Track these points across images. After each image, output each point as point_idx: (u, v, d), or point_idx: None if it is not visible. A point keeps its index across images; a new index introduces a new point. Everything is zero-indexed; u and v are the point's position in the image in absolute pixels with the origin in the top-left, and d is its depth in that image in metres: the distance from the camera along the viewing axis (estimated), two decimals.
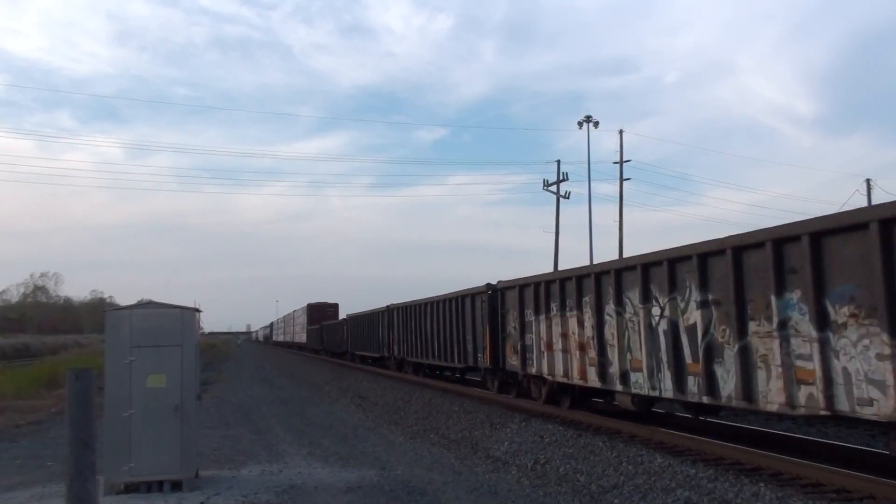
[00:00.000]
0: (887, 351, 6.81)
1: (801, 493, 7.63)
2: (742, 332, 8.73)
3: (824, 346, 7.53)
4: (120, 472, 8.53)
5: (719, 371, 9.13)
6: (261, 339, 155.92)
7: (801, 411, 7.88)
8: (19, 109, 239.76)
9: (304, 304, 66.31)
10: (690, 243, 9.87)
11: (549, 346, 14.31)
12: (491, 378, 18.43)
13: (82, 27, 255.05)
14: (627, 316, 11.47)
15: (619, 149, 42.73)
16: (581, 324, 12.98)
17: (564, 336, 13.64)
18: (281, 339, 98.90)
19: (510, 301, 16.54)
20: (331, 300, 65.27)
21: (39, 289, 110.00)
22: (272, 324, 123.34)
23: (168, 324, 8.88)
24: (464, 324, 19.67)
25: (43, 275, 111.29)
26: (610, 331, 11.97)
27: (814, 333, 7.63)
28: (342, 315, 52.44)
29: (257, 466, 10.57)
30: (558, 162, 43.74)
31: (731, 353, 8.86)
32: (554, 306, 14.10)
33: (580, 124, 43.17)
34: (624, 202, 42.31)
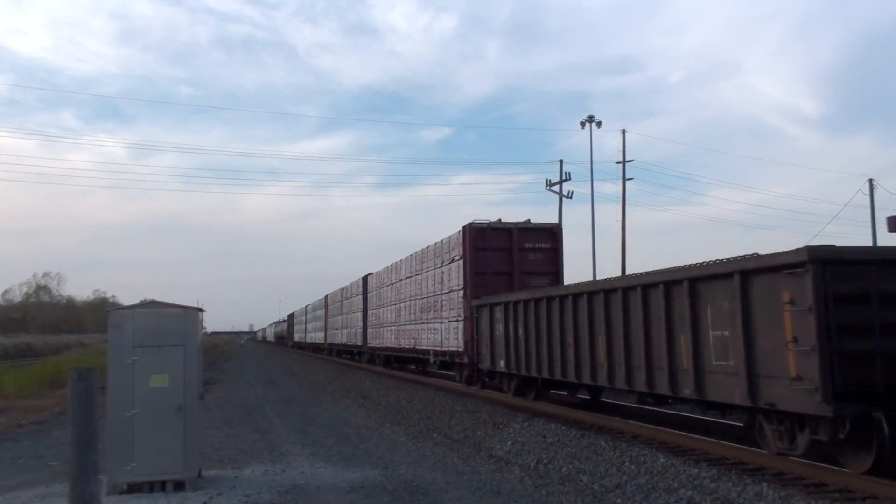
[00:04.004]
0: None
1: (804, 493, 7.62)
2: None
3: None
4: (122, 471, 8.53)
5: None
6: (271, 338, 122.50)
7: None
8: (23, 109, 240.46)
9: (459, 229, 20.30)
10: None
11: None
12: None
13: (86, 26, 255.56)
14: None
15: (622, 148, 42.71)
16: None
17: None
18: (317, 338, 55.70)
19: None
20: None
21: (42, 288, 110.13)
22: (292, 316, 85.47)
23: (171, 324, 8.89)
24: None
25: (46, 274, 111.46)
26: None
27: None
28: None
29: (260, 466, 10.57)
30: (561, 162, 43.39)
31: None
32: None
33: (583, 124, 43.16)
34: (627, 202, 42.14)
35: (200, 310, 9.59)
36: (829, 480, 8.04)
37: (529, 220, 20.70)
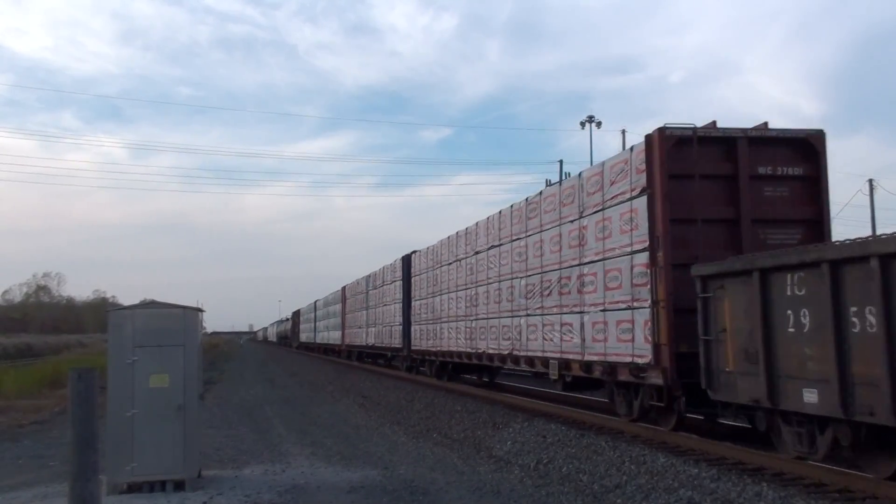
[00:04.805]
0: None
1: (804, 493, 7.62)
2: None
3: None
4: (122, 471, 8.53)
5: None
6: (272, 339, 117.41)
7: None
8: (23, 109, 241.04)
9: (634, 145, 11.75)
10: None
11: None
12: None
13: (87, 27, 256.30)
14: None
15: (622, 149, 42.81)
16: None
17: None
18: (332, 338, 47.00)
19: None
20: None
21: (42, 288, 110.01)
22: (298, 313, 75.72)
23: (171, 324, 8.89)
24: None
25: (46, 274, 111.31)
26: None
27: None
28: None
29: (260, 466, 10.57)
30: (561, 162, 43.36)
31: None
32: None
33: (583, 124, 43.26)
34: None
35: (200, 310, 9.60)
36: (828, 480, 8.03)
37: (767, 123, 11.76)
